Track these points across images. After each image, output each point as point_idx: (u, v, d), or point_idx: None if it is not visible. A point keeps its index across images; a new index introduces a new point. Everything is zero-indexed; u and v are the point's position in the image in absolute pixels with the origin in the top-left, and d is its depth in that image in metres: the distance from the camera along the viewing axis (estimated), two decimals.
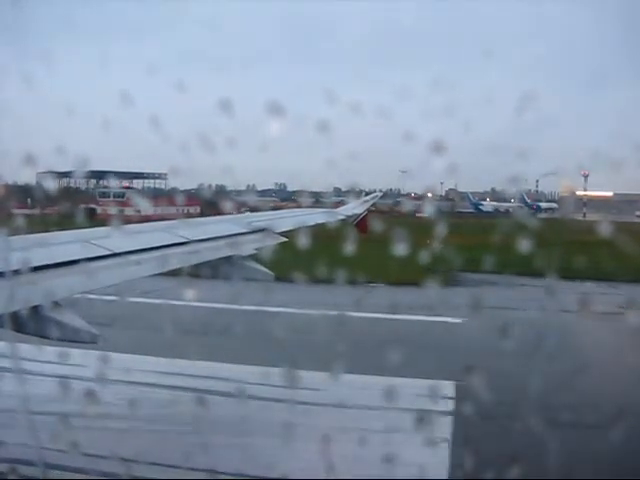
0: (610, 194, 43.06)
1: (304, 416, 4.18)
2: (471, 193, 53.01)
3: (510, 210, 37.49)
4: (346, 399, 4.87)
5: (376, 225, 3.40)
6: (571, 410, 4.88)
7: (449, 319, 9.19)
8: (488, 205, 47.00)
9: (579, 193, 36.72)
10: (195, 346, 4.69)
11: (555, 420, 3.84)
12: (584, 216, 33.16)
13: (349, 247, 3.22)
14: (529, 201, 46.47)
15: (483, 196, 52.73)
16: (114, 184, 37.64)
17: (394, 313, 9.31)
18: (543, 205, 46.18)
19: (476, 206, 47.89)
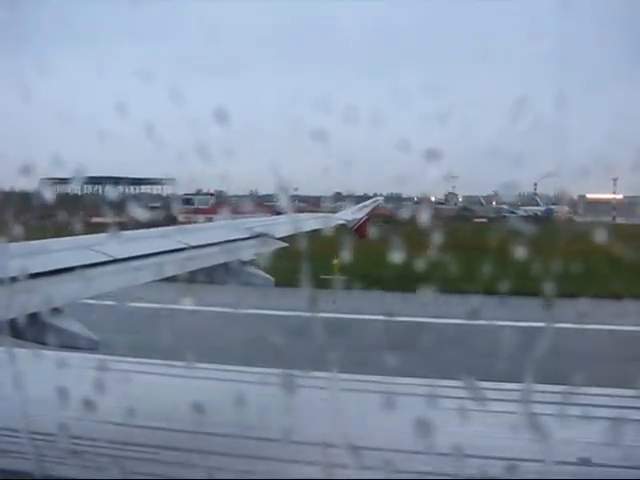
0: (620, 197, 42.71)
1: None
2: (483, 197, 52.72)
3: (539, 214, 37.58)
4: None
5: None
6: None
7: None
8: (521, 210, 46.95)
9: (604, 197, 36.65)
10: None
11: None
12: (613, 219, 32.85)
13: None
14: (542, 204, 46.35)
15: (488, 200, 52.50)
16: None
17: None
18: (555, 208, 46.09)
19: (511, 211, 47.76)
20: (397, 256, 3.27)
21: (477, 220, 34.77)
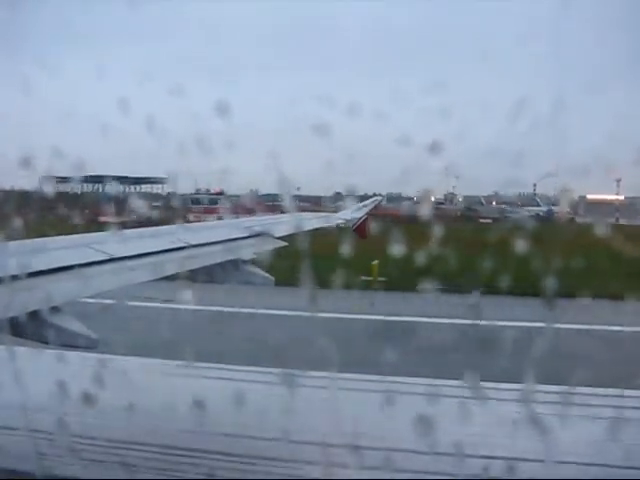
0: (622, 198, 42.59)
1: None
2: (484, 197, 52.63)
3: (541, 214, 37.57)
4: None
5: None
6: None
7: None
8: (524, 210, 46.88)
9: (605, 198, 36.60)
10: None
11: None
12: (617, 220, 32.73)
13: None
14: (543, 205, 46.26)
15: (488, 200, 52.46)
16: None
17: None
18: (555, 209, 46.01)
19: (514, 211, 47.80)
20: (422, 258, 3.25)
21: (482, 220, 34.60)
